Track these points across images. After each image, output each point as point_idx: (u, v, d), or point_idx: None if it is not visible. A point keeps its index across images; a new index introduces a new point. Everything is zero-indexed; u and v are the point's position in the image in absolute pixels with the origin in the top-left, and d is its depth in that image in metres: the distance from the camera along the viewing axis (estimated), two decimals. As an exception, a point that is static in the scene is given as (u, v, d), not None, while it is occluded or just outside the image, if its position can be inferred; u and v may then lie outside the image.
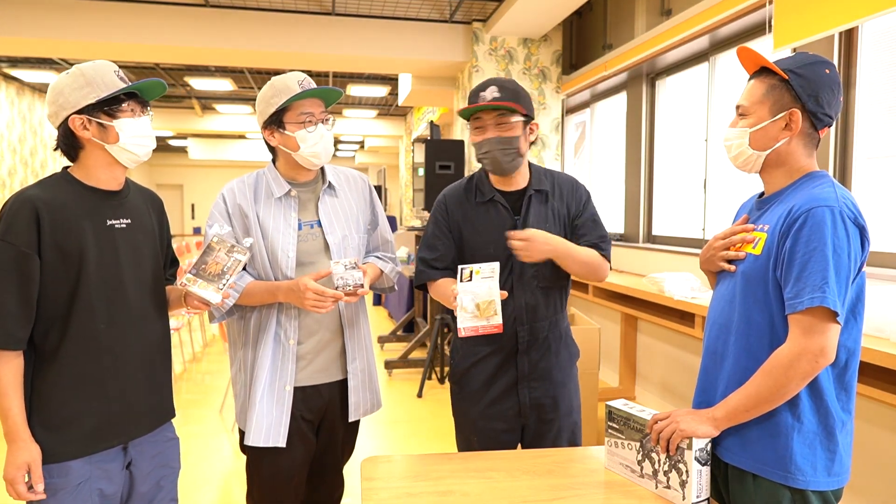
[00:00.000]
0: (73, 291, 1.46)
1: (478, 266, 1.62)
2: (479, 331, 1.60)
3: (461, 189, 1.87)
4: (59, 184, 1.49)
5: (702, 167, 4.01)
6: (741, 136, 1.38)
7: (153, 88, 1.55)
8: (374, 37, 5.51)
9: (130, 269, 1.55)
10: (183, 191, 19.74)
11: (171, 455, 1.68)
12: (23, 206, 1.41)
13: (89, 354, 1.48)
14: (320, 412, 1.85)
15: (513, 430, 1.84)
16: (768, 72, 1.35)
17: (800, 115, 1.31)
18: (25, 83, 9.03)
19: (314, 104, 1.77)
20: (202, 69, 8.03)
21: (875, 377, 2.16)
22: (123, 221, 1.56)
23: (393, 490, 1.41)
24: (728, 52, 3.81)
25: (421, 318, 6.33)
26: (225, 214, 1.79)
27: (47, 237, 1.42)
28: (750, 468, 1.33)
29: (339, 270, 1.72)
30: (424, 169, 5.05)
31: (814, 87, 1.30)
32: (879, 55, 2.77)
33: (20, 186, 9.14)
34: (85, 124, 1.47)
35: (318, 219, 1.83)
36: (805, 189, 1.31)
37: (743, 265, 1.37)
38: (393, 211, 14.93)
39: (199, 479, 3.23)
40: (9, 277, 1.39)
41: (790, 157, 1.35)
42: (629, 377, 4.54)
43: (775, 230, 1.30)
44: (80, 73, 1.48)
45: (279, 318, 1.79)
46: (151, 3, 5.14)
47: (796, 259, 1.24)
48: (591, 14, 5.32)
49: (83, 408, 1.48)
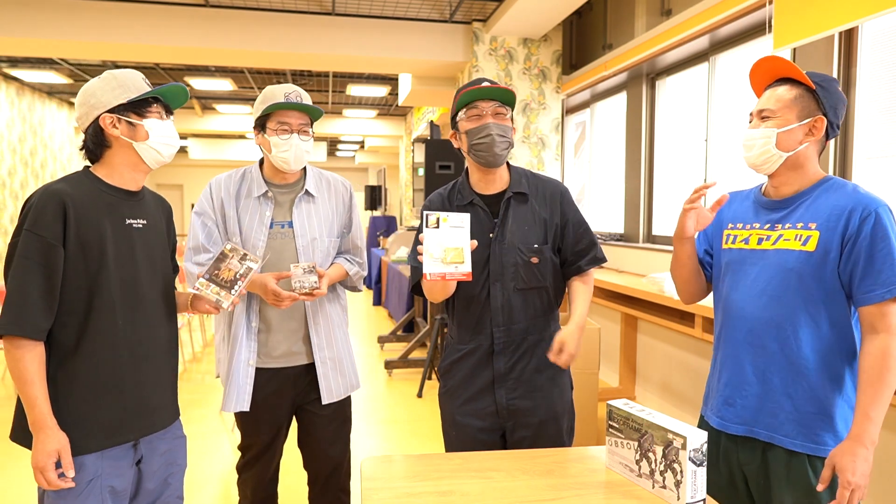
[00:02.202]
0: (93, 286, 1.51)
1: (446, 214, 1.59)
2: (445, 277, 1.57)
3: (444, 194, 1.90)
4: (82, 181, 1.55)
5: (702, 167, 4.01)
6: (767, 136, 1.47)
7: (177, 96, 1.65)
8: (374, 37, 5.51)
9: (145, 267, 1.62)
10: (183, 191, 19.73)
11: (179, 453, 1.73)
12: (51, 200, 1.46)
13: (107, 350, 1.53)
14: (291, 392, 2.06)
15: (491, 430, 1.84)
16: (793, 82, 1.47)
17: (824, 122, 1.45)
18: (25, 83, 9.03)
19: (295, 116, 1.96)
20: (202, 69, 8.03)
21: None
22: (140, 221, 1.63)
23: (393, 490, 1.41)
24: (728, 52, 3.81)
25: (421, 318, 6.34)
26: (210, 203, 2.01)
27: (72, 231, 1.47)
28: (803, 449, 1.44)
29: (298, 273, 1.91)
30: (424, 169, 5.05)
31: (833, 100, 1.45)
32: (879, 55, 2.77)
33: (20, 186, 9.15)
34: (115, 123, 1.55)
35: (291, 220, 2.02)
36: (840, 191, 1.44)
37: (793, 262, 1.45)
38: (393, 211, 14.93)
39: (199, 478, 3.23)
40: (35, 268, 1.44)
41: (807, 161, 1.48)
42: (629, 377, 4.54)
43: (834, 227, 1.40)
44: (111, 77, 1.57)
45: (250, 304, 2.01)
46: (151, 3, 5.14)
47: (877, 254, 1.36)
48: (591, 14, 5.33)
49: (100, 403, 1.53)
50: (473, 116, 1.76)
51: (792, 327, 1.45)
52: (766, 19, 3.22)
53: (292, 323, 2.02)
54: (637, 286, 3.61)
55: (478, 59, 5.44)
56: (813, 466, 1.43)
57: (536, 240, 1.80)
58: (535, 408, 1.82)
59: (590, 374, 3.46)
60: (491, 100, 1.75)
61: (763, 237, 1.51)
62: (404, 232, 8.17)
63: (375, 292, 9.07)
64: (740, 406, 1.52)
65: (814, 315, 1.43)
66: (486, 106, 1.75)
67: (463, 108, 1.78)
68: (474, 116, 1.75)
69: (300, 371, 2.05)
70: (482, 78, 1.80)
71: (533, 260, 1.78)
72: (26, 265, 1.43)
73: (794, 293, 1.44)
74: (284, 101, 1.91)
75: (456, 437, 1.87)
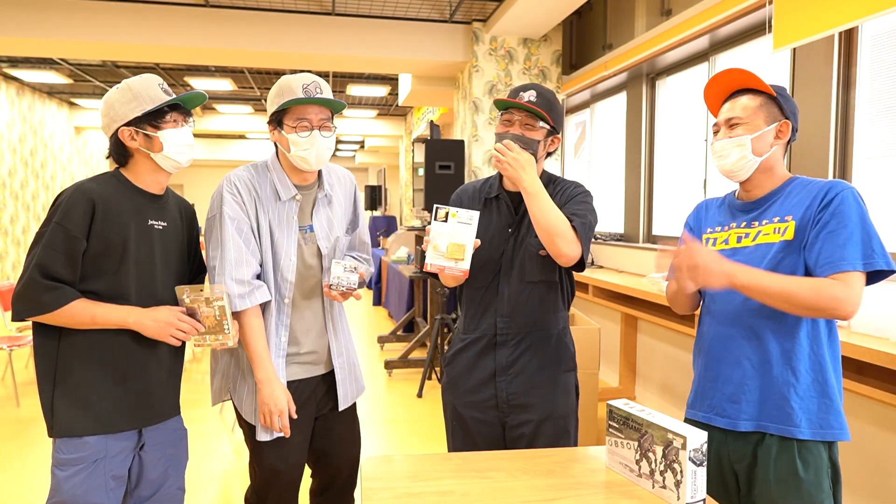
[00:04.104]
0: (113, 279, 1.60)
1: (455, 209, 1.65)
2: (444, 270, 1.65)
3: (476, 185, 1.96)
4: (112, 182, 1.64)
5: (702, 167, 4.01)
6: (741, 143, 1.52)
7: (194, 99, 1.70)
8: (374, 37, 5.51)
9: (161, 267, 1.70)
10: (183, 191, 19.71)
11: (180, 444, 1.80)
12: (81, 197, 1.56)
13: (117, 338, 1.61)
14: (314, 403, 1.95)
15: (491, 423, 1.84)
16: (752, 91, 1.54)
17: (789, 125, 1.53)
18: (25, 83, 9.03)
19: (315, 111, 1.78)
20: (202, 69, 8.03)
21: (875, 377, 2.17)
22: (161, 223, 1.71)
23: (393, 490, 1.41)
24: (728, 52, 3.81)
25: (421, 318, 6.34)
26: (242, 206, 1.78)
27: (98, 228, 1.57)
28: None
29: (339, 271, 1.78)
30: (424, 169, 5.05)
31: (792, 106, 1.55)
32: (879, 55, 2.77)
33: (20, 186, 9.15)
34: (133, 135, 1.63)
35: (311, 223, 1.89)
36: (810, 184, 1.50)
37: (773, 252, 1.49)
38: (393, 211, 14.93)
39: (199, 478, 3.23)
40: (59, 257, 1.54)
41: (776, 163, 1.55)
42: (629, 377, 4.54)
43: (805, 214, 1.46)
44: (127, 88, 1.63)
45: (274, 320, 1.84)
46: (151, 3, 5.14)
47: (842, 228, 1.40)
48: (591, 14, 5.33)
49: (105, 388, 1.61)
50: (505, 122, 1.81)
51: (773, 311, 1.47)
52: (766, 19, 3.22)
53: (313, 333, 1.92)
54: (637, 286, 3.61)
55: (478, 59, 5.44)
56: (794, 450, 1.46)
57: None
58: (535, 405, 1.82)
59: (590, 374, 3.46)
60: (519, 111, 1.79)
61: (742, 235, 1.56)
62: (404, 232, 8.16)
63: (375, 292, 9.08)
64: (744, 402, 1.52)
65: None
66: (518, 115, 1.79)
67: (501, 111, 1.83)
68: (505, 122, 1.81)
69: (318, 381, 1.95)
70: (532, 85, 1.81)
71: (541, 252, 1.79)
72: (51, 253, 1.53)
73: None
74: (304, 97, 1.74)
75: (457, 428, 1.89)
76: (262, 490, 1.91)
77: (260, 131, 12.00)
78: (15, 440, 3.77)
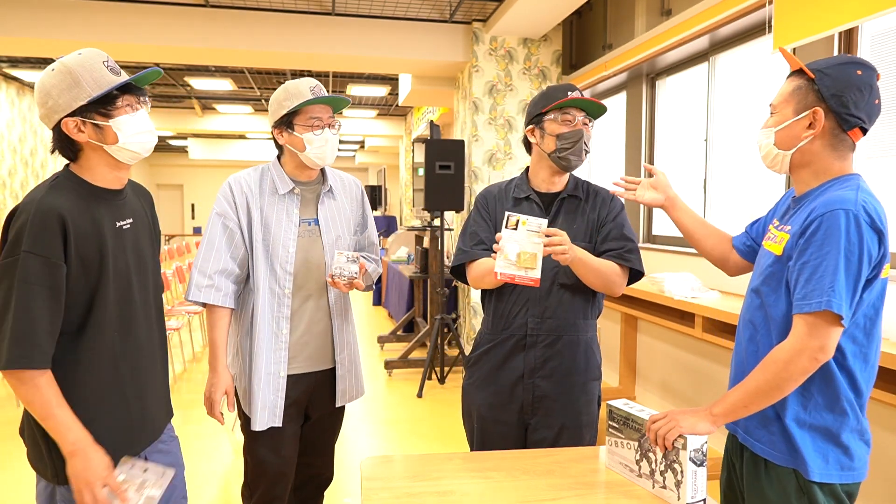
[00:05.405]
0: (91, 301, 1.39)
1: (525, 217, 1.61)
2: (515, 279, 1.60)
3: (501, 187, 1.96)
4: (70, 188, 1.39)
5: (702, 167, 4.01)
6: (767, 136, 1.40)
7: (147, 77, 1.44)
8: (374, 37, 5.51)
9: (135, 271, 1.50)
10: (183, 191, 19.72)
11: (177, 453, 1.68)
12: (48, 217, 1.31)
13: (105, 364, 1.43)
14: (308, 396, 1.99)
15: (514, 425, 1.85)
16: (801, 72, 1.34)
17: (822, 114, 1.30)
18: (25, 83, 9.02)
19: (323, 110, 1.89)
20: (202, 69, 8.03)
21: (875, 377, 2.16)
22: (128, 222, 1.49)
23: (393, 490, 1.41)
24: (728, 52, 3.81)
25: (421, 319, 6.34)
26: (232, 203, 1.90)
27: (72, 248, 1.34)
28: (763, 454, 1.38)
29: (341, 261, 1.87)
30: (424, 169, 5.05)
31: (840, 86, 1.29)
32: (879, 55, 2.77)
33: (20, 186, 9.14)
34: (79, 127, 1.37)
35: (317, 217, 1.97)
36: (830, 192, 1.31)
37: (769, 264, 1.39)
38: (393, 211, 14.93)
39: (198, 478, 3.23)
40: (41, 292, 1.30)
41: (815, 158, 1.35)
42: (629, 377, 4.54)
43: (795, 233, 1.32)
44: (66, 72, 1.34)
45: (274, 311, 1.91)
46: (151, 3, 5.14)
47: (809, 262, 1.26)
48: (591, 14, 5.33)
49: (105, 421, 1.43)
50: (565, 122, 1.80)
51: (763, 328, 1.40)
52: (766, 19, 3.22)
53: (317, 326, 1.96)
54: (637, 286, 3.60)
55: (478, 59, 5.44)
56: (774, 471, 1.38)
57: (582, 237, 1.84)
58: (560, 409, 1.83)
59: (590, 374, 3.46)
60: (580, 110, 1.81)
61: (773, 235, 1.44)
62: (404, 232, 8.16)
63: (375, 292, 9.07)
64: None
65: (780, 318, 1.36)
66: (578, 114, 1.81)
67: (556, 111, 1.81)
68: (566, 122, 1.80)
69: (317, 377, 1.98)
70: (573, 85, 1.84)
71: None
72: (29, 290, 1.28)
73: (766, 295, 1.39)
74: (314, 97, 1.85)
75: (479, 430, 1.89)
76: (254, 483, 1.97)
77: (260, 131, 11.99)
78: (15, 440, 3.75)
